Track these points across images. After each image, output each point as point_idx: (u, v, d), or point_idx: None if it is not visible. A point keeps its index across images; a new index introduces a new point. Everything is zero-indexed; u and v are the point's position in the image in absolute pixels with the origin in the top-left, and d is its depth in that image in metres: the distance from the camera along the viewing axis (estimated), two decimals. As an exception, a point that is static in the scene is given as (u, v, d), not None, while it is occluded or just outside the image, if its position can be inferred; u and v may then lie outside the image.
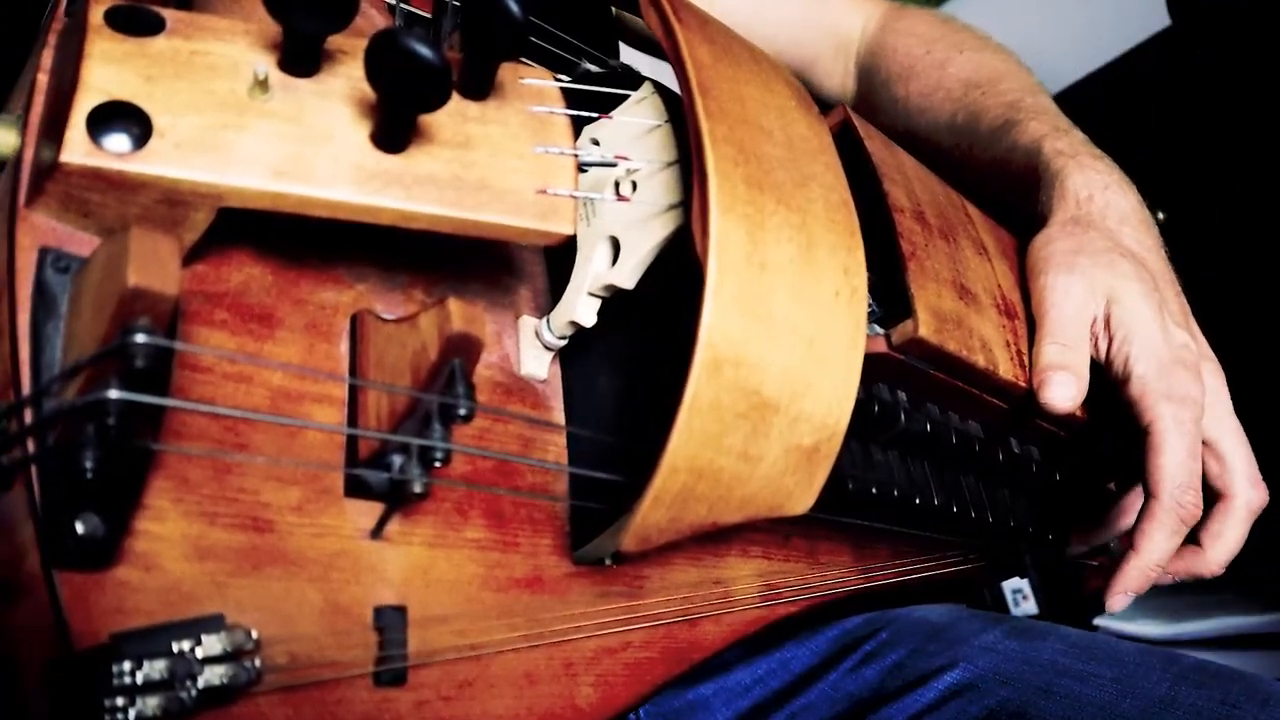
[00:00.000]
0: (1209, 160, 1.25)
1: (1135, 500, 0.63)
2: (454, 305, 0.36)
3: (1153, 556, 0.55)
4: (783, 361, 0.39)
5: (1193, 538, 0.59)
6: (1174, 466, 0.53)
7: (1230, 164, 1.23)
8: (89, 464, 0.31)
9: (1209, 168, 1.24)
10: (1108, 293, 0.55)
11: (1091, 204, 0.60)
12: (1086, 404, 0.57)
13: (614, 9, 0.72)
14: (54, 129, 0.34)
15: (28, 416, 0.33)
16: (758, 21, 0.84)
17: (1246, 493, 0.58)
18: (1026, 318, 0.57)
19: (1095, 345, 0.56)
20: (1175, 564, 0.59)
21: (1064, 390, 0.53)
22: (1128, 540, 0.58)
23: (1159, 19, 1.31)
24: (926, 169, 0.60)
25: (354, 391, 0.41)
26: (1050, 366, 0.54)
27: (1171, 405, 0.54)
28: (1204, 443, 0.57)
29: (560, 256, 0.48)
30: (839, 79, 0.87)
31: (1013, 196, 0.68)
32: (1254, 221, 1.18)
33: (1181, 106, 1.31)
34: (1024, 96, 0.71)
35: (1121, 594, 0.57)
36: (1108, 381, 0.56)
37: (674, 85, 0.44)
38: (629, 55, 0.71)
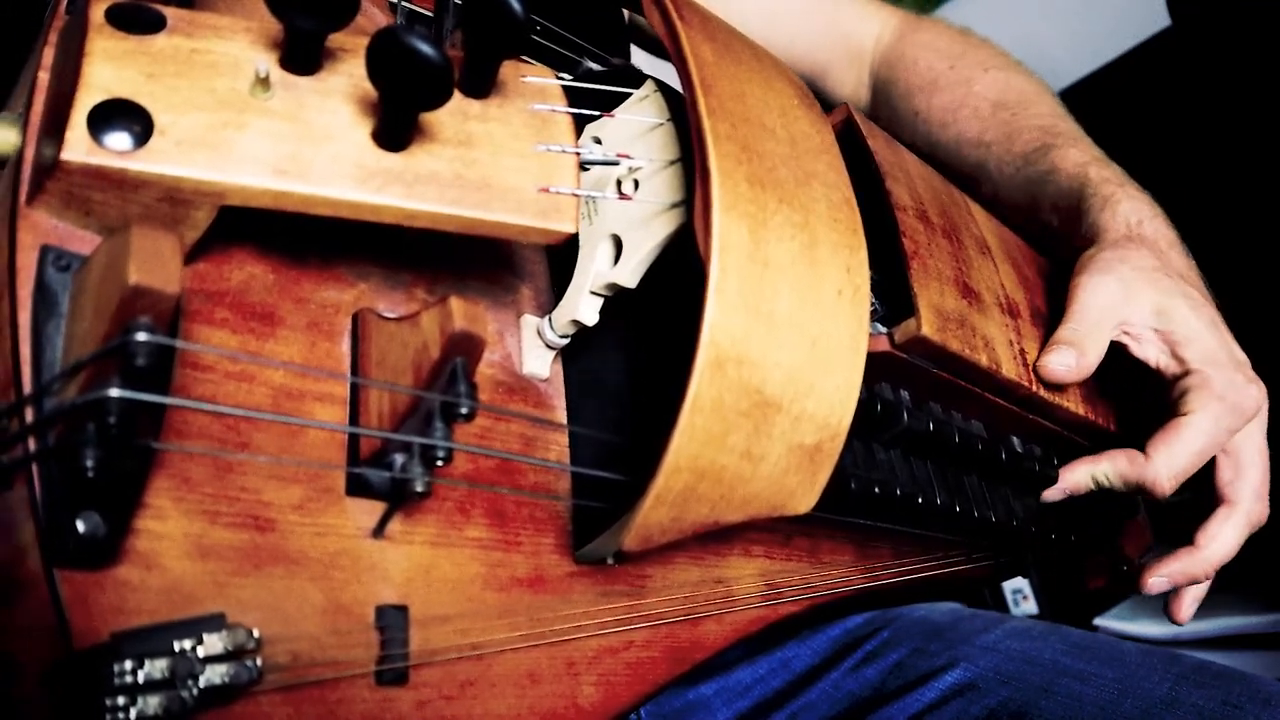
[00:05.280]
0: (1208, 160, 1.25)
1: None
2: (456, 304, 0.36)
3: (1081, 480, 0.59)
4: (785, 360, 0.39)
5: (1189, 539, 0.60)
6: (1181, 457, 0.55)
7: (1230, 164, 1.23)
8: (90, 463, 0.31)
9: (1208, 168, 1.24)
10: (1155, 309, 0.57)
11: (1143, 228, 0.62)
12: (1115, 418, 0.58)
13: (625, 10, 0.72)
14: (55, 127, 0.34)
15: (29, 415, 0.32)
16: (772, 32, 0.84)
17: (1250, 503, 0.59)
18: (1030, 317, 0.57)
19: (1150, 355, 0.57)
20: (1170, 564, 0.60)
21: (1062, 358, 0.55)
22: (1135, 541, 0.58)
23: (1159, 19, 1.31)
24: (929, 168, 0.60)
25: (356, 390, 0.41)
26: (1058, 340, 0.55)
27: (1221, 405, 0.55)
28: (1224, 449, 0.59)
29: (562, 255, 0.48)
30: (851, 88, 0.87)
31: (1042, 214, 0.69)
32: (1254, 221, 1.18)
33: (1181, 106, 1.31)
34: (1057, 122, 0.73)
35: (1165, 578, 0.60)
36: (1132, 388, 0.57)
37: (677, 84, 0.43)
38: (639, 58, 0.70)
